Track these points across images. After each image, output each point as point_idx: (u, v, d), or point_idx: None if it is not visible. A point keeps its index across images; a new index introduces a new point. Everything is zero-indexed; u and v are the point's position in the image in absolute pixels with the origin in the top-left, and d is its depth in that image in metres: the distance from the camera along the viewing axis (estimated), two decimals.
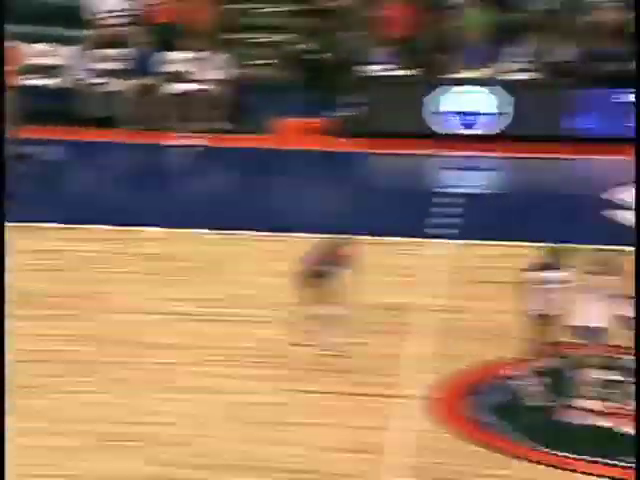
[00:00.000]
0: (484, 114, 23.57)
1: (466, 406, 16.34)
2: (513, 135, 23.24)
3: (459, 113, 23.61)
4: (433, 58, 23.90)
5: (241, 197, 21.65)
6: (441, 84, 23.51)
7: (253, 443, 14.75)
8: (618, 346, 16.22)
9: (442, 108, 23.46)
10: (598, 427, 15.44)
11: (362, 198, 22.33)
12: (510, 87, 23.32)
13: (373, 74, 23.74)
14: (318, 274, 16.51)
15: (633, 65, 22.86)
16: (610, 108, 23.45)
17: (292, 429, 15.03)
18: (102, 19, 24.56)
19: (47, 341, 16.16)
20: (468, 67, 23.77)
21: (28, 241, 18.34)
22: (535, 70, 23.65)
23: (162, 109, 23.51)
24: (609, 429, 15.47)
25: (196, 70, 23.74)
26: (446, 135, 23.55)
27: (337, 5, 24.63)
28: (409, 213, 21.22)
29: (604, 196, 21.63)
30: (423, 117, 23.47)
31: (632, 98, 22.81)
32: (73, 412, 14.10)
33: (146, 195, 21.69)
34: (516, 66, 23.77)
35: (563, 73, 23.54)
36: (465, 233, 20.15)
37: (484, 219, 20.89)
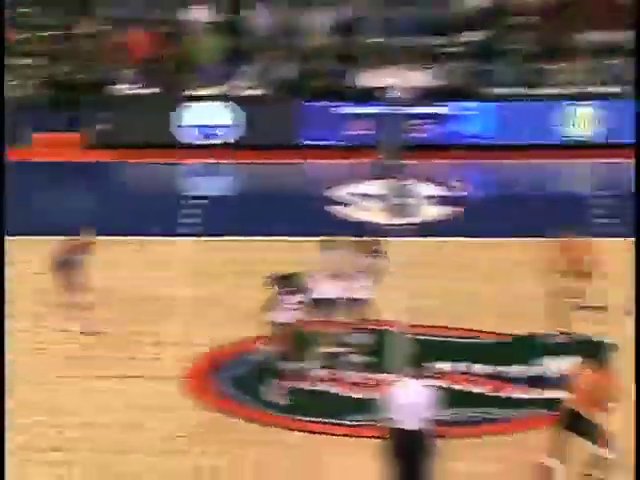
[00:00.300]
0: (221, 126, 24.12)
1: (213, 381, 17.02)
2: (248, 144, 23.87)
3: (199, 126, 24.08)
4: (174, 78, 24.38)
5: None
6: (183, 100, 24.03)
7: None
8: (348, 323, 17.03)
9: (184, 122, 23.95)
10: (325, 393, 16.38)
11: (113, 203, 22.40)
12: (243, 102, 23.97)
13: (122, 93, 24.15)
14: (65, 264, 16.89)
15: (346, 81, 23.63)
16: (330, 119, 24.07)
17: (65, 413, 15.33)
18: None
19: None
20: (205, 85, 24.34)
21: None
22: (264, 87, 24.38)
23: None
24: (336, 394, 16.40)
25: None
26: (189, 145, 24.06)
27: (86, 32, 24.97)
28: (158, 215, 21.45)
29: (326, 194, 22.32)
30: (169, 130, 23.92)
31: (347, 110, 23.41)
32: None
33: None
34: (247, 84, 24.44)
35: (288, 89, 24.30)
36: (208, 231, 20.61)
37: (225, 219, 21.37)
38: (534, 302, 17.27)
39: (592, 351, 16.74)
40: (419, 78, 23.40)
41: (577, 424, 14.68)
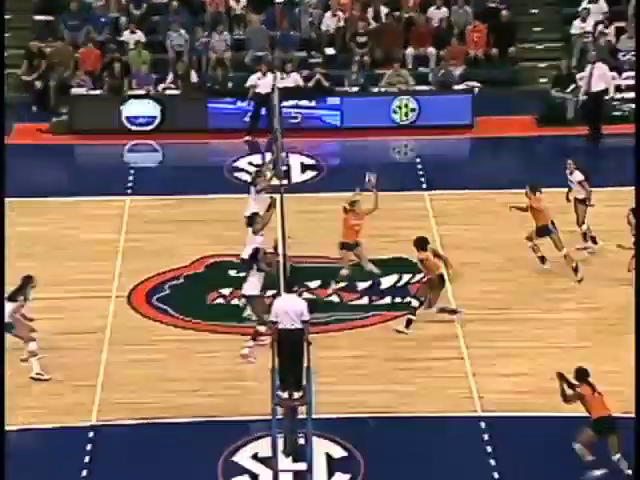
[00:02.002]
0: (150, 116, 23.47)
1: (151, 299, 17.42)
2: (168, 129, 23.21)
3: (135, 116, 23.50)
4: (114, 82, 24.44)
5: None
6: (122, 99, 23.86)
7: None
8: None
9: (125, 113, 23.62)
10: (232, 305, 17.10)
11: (73, 173, 22.42)
12: (160, 99, 23.61)
13: (77, 93, 24.22)
14: None
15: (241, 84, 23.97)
16: (232, 112, 23.81)
17: None
18: None
19: None
20: (137, 88, 24.31)
21: None
22: (179, 88, 24.30)
23: None
24: (239, 306, 16.98)
25: None
26: (125, 130, 23.33)
27: (51, 48, 24.91)
28: (105, 180, 21.36)
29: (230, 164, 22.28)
30: (115, 120, 23.42)
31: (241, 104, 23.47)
32: None
33: None
34: (167, 86, 24.29)
35: (196, 90, 24.32)
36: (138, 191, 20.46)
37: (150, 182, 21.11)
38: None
39: None
40: (294, 80, 23.54)
41: None
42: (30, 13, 26.07)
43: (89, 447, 14.06)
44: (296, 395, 13.50)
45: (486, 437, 13.60)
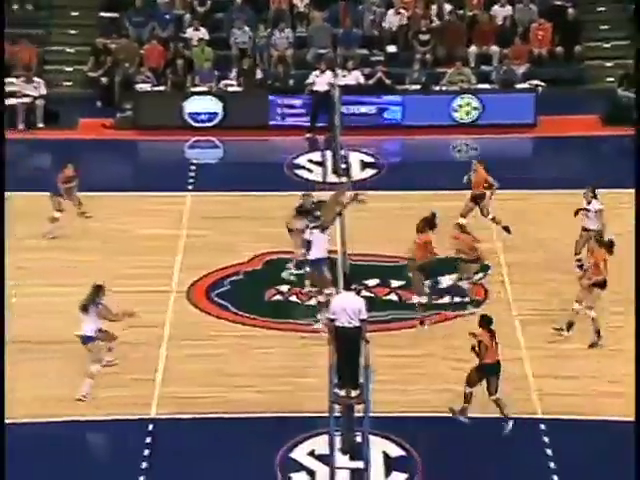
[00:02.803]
0: (211, 113, 23.68)
1: (210, 294, 17.53)
2: (229, 126, 23.40)
3: (197, 112, 23.63)
4: (177, 79, 24.50)
5: (59, 169, 21.41)
6: (184, 95, 23.91)
7: None
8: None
9: (187, 110, 23.71)
10: (290, 301, 17.14)
11: (136, 167, 22.72)
12: (221, 96, 23.77)
13: (141, 90, 24.23)
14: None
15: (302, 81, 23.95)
16: (292, 108, 23.94)
17: None
18: None
19: None
20: (199, 84, 24.38)
21: None
22: (241, 85, 24.40)
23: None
24: (297, 303, 16.81)
25: (23, 90, 23.93)
26: (187, 126, 23.48)
27: (116, 45, 25.15)
28: (167, 175, 21.53)
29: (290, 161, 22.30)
30: (177, 116, 23.52)
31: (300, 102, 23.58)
32: None
33: None
34: (230, 82, 24.49)
35: (258, 86, 24.38)
36: (198, 187, 20.67)
37: (210, 178, 21.32)
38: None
39: None
40: (356, 78, 23.39)
41: None
42: (96, 10, 26.35)
43: (148, 440, 14.16)
44: (353, 393, 13.47)
45: (546, 439, 13.45)
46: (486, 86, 24.57)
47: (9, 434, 12.63)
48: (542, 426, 14.41)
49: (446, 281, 17.69)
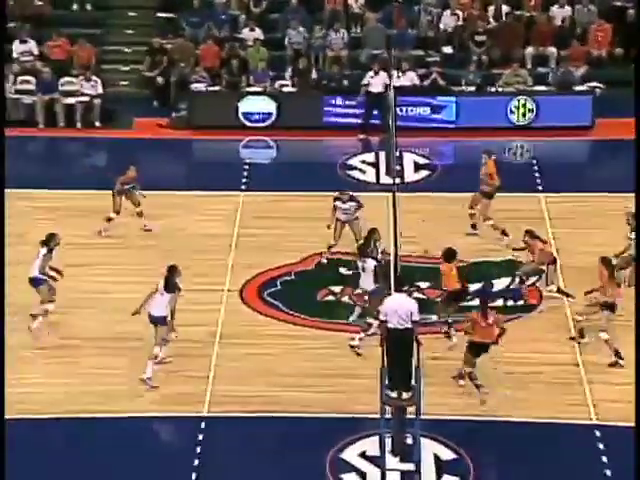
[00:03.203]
0: (265, 113, 23.64)
1: (262, 294, 17.55)
2: (285, 126, 23.37)
3: (251, 112, 23.61)
4: (232, 79, 24.53)
5: (115, 167, 21.55)
6: (239, 95, 23.92)
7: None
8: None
9: (241, 110, 23.69)
10: (340, 302, 17.09)
11: (190, 166, 22.67)
12: (275, 96, 23.80)
13: (196, 89, 24.26)
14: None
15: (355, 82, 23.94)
16: (344, 109, 23.97)
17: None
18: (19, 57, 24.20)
19: None
20: (254, 85, 24.43)
21: None
22: (296, 85, 24.41)
23: (61, 114, 23.66)
24: (347, 303, 16.95)
25: (81, 89, 24.15)
26: (242, 126, 23.34)
27: (172, 45, 25.21)
28: (221, 174, 21.56)
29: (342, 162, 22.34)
30: (232, 116, 23.49)
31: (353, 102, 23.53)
32: None
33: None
34: (284, 83, 24.45)
35: (312, 87, 24.42)
36: (252, 186, 20.71)
37: (264, 178, 21.34)
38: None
39: None
40: (410, 79, 23.30)
41: None
42: (153, 11, 26.51)
43: (200, 437, 14.22)
44: (405, 395, 13.42)
45: (601, 446, 13.28)
46: (543, 88, 24.36)
47: (62, 428, 12.76)
48: (597, 432, 14.23)
49: (500, 284, 17.56)
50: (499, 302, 17.37)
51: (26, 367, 14.58)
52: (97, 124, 24.07)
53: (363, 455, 13.39)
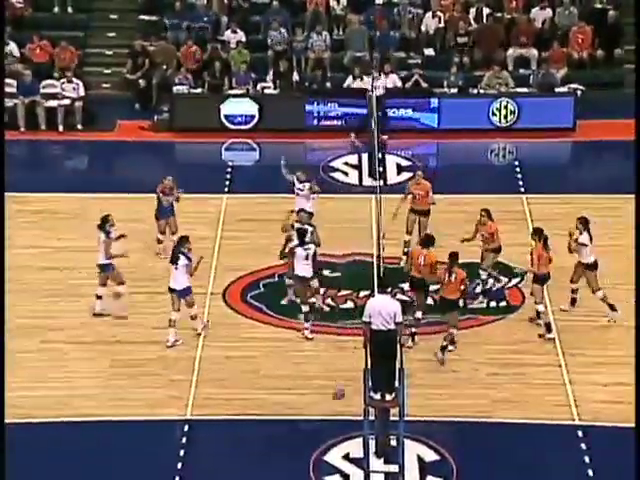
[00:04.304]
0: (248, 115, 23.65)
1: (245, 296, 17.50)
2: (265, 128, 23.53)
3: (233, 115, 23.58)
4: (214, 82, 24.58)
5: (96, 171, 22.12)
6: (221, 97, 23.90)
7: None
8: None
9: (224, 112, 23.71)
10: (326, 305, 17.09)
11: (173, 169, 22.67)
12: (258, 98, 23.79)
13: (179, 92, 24.30)
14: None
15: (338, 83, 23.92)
16: (328, 111, 23.96)
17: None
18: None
19: None
20: (236, 87, 24.43)
21: None
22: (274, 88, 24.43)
23: (43, 117, 23.60)
24: (332, 306, 16.95)
25: (63, 91, 24.11)
26: (224, 129, 23.36)
27: (154, 47, 25.18)
28: (203, 177, 21.51)
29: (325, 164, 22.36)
30: (214, 118, 23.48)
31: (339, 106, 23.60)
32: None
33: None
34: (266, 85, 24.49)
35: (295, 89, 24.43)
36: (235, 189, 20.64)
37: (247, 181, 21.31)
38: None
39: None
40: (393, 81, 23.35)
41: None
42: (135, 13, 26.50)
43: (184, 440, 14.21)
44: (388, 397, 13.43)
45: (583, 446, 13.34)
46: (524, 90, 24.44)
47: (47, 431, 12.70)
48: (579, 433, 14.29)
49: (481, 285, 17.61)
50: (482, 303, 17.42)
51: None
52: (79, 127, 24.11)
53: (347, 457, 13.41)
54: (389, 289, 14.33)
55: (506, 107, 23.93)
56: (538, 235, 16.23)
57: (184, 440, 13.59)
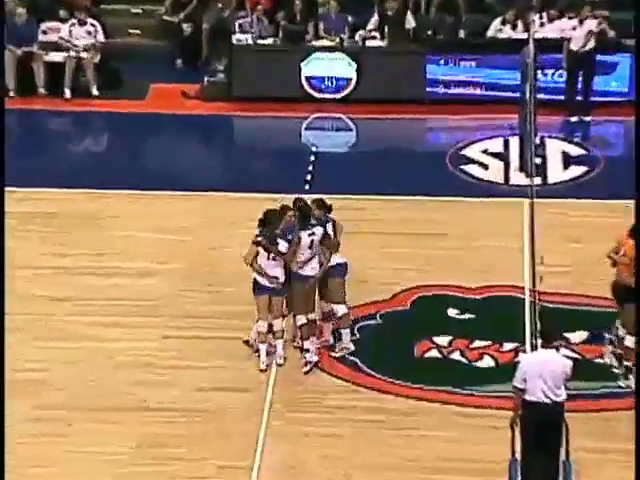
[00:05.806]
0: (341, 78, 24.04)
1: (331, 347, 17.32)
2: (360, 98, 23.75)
3: (320, 78, 24.08)
4: (293, 28, 24.76)
5: (116, 158, 22.11)
6: (302, 52, 24.23)
7: (135, 385, 15.80)
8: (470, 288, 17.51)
9: (306, 73, 24.01)
10: (446, 359, 16.65)
11: (229, 157, 22.81)
12: (356, 54, 24.00)
13: (240, 43, 24.41)
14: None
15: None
16: (455, 72, 24.04)
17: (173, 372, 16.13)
18: None
19: None
20: (325, 36, 24.59)
21: None
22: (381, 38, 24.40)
23: (42, 77, 23.98)
24: (458, 361, 16.70)
25: (72, 38, 24.34)
26: (305, 98, 23.96)
27: None
28: (273, 170, 21.85)
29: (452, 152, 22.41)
30: (292, 82, 23.91)
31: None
32: None
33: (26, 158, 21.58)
34: (363, 34, 24.48)
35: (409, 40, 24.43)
36: (318, 188, 20.45)
37: (336, 175, 21.42)
38: None
39: None
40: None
41: None
42: None
43: None
44: None
45: None
46: None
47: None
48: None
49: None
50: None
51: None
52: (94, 92, 24.06)
53: None
54: (553, 340, 14.11)
55: None
56: None
57: None
